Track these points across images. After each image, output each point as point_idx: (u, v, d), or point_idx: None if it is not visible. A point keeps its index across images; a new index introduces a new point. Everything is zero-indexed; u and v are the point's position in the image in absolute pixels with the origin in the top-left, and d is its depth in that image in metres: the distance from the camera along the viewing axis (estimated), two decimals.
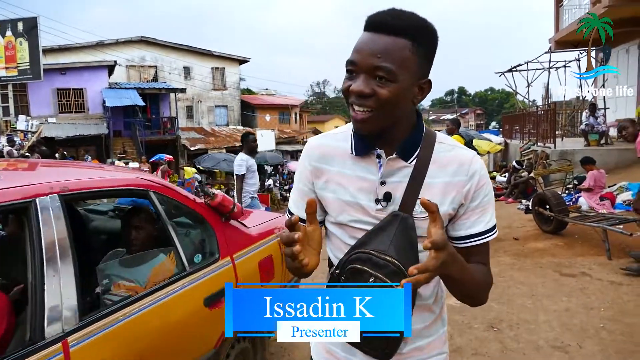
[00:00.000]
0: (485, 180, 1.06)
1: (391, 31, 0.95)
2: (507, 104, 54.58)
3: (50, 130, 19.08)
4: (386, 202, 1.03)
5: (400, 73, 0.95)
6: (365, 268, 0.97)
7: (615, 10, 10.15)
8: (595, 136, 11.13)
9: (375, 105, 0.96)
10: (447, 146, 1.07)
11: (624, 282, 4.22)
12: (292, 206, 1.18)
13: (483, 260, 1.09)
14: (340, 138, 1.10)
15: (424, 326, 1.10)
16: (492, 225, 1.08)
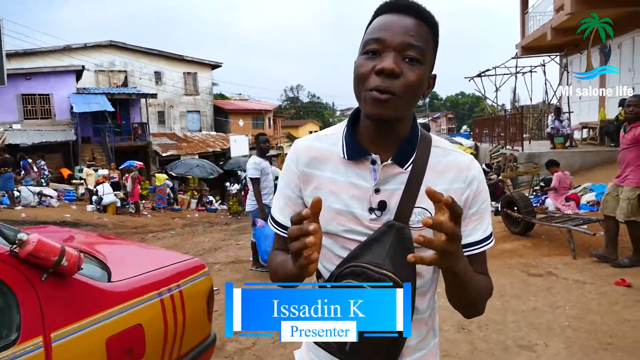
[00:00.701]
0: (483, 186, 1.02)
1: (417, 14, 0.92)
2: (478, 108, 55.78)
3: (14, 137, 18.49)
4: (381, 212, 0.97)
5: (427, 57, 0.92)
6: (360, 283, 0.91)
7: (576, 17, 10.50)
8: (561, 139, 11.49)
9: (401, 87, 0.89)
10: (444, 151, 1.02)
11: (588, 281, 4.35)
12: (277, 213, 1.08)
13: (483, 270, 1.04)
14: (331, 141, 1.03)
15: (419, 340, 1.06)
16: (490, 233, 1.03)
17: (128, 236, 9.29)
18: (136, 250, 3.03)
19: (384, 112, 0.90)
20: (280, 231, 1.08)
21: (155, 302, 2.02)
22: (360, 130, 1.01)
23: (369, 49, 0.91)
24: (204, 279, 2.39)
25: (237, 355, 3.25)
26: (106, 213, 13.49)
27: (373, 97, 0.89)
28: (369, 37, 0.92)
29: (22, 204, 12.39)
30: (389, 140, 0.98)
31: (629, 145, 4.53)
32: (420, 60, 0.90)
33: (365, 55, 0.92)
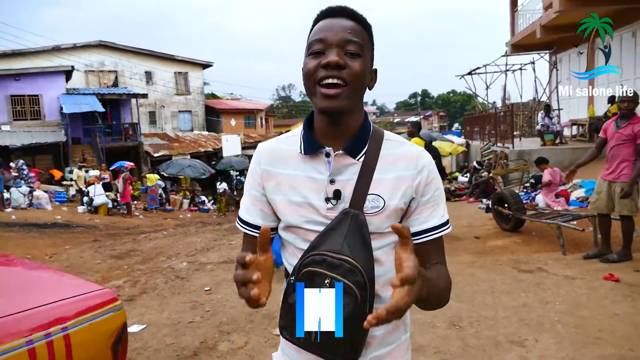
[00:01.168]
0: (434, 174, 1.07)
1: (351, 17, 1.03)
2: (469, 106, 55.99)
3: (4, 138, 18.30)
4: (336, 201, 1.03)
5: (366, 51, 1.02)
6: (321, 270, 0.95)
7: (565, 15, 10.60)
8: (551, 136, 11.58)
9: (347, 77, 0.98)
10: (395, 143, 1.09)
11: (577, 277, 4.39)
12: (244, 213, 1.14)
13: (440, 259, 1.09)
14: (291, 141, 1.10)
15: (386, 332, 1.07)
16: (446, 219, 1.09)
17: (120, 237, 9.24)
18: (24, 277, 2.24)
19: (334, 104, 0.99)
20: (247, 230, 1.14)
21: (20, 353, 1.51)
22: (315, 127, 1.08)
23: (313, 49, 1.01)
24: (110, 316, 1.86)
25: (230, 355, 3.25)
26: (97, 214, 13.40)
27: (323, 93, 0.99)
28: (313, 39, 1.02)
29: (12, 206, 12.27)
30: (342, 134, 1.05)
31: (624, 140, 4.55)
32: (361, 54, 1.00)
33: (311, 56, 1.01)
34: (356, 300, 0.93)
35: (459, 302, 3.99)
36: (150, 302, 4.51)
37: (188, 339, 3.56)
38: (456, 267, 5.11)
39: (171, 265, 5.99)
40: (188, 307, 4.28)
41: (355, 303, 0.93)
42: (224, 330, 3.67)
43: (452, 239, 6.60)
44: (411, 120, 7.42)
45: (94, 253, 7.17)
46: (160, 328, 3.80)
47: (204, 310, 4.17)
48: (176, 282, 5.16)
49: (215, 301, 4.37)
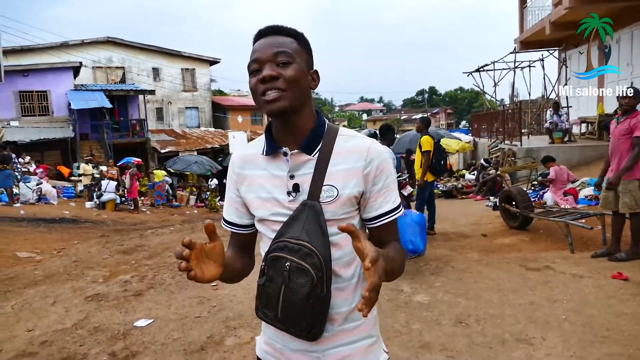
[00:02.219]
0: (385, 164, 1.17)
1: (279, 33, 1.16)
2: (477, 104, 55.68)
3: (12, 134, 18.45)
4: (296, 193, 1.15)
5: (297, 57, 1.13)
6: (282, 254, 1.11)
7: (574, 11, 10.49)
8: (559, 134, 11.48)
9: (283, 84, 1.10)
10: (347, 137, 1.19)
11: (585, 275, 4.37)
12: (225, 213, 1.32)
13: (394, 237, 1.22)
14: (257, 145, 1.24)
15: (350, 309, 1.18)
16: (398, 203, 1.21)
17: (127, 232, 9.29)
18: None
19: (274, 106, 1.11)
20: (227, 226, 1.32)
21: None
22: (273, 132, 1.22)
23: (252, 69, 1.14)
24: None
25: (237, 350, 3.26)
26: (105, 210, 13.48)
27: (265, 100, 1.11)
28: (250, 60, 1.15)
29: (20, 201, 12.38)
30: (295, 134, 1.17)
31: (622, 135, 4.53)
32: (291, 61, 1.12)
33: (251, 75, 1.14)
34: (313, 280, 1.07)
35: (465, 299, 3.98)
36: (158, 297, 4.53)
37: (195, 333, 3.58)
38: (463, 264, 5.10)
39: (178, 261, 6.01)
40: (195, 302, 4.31)
41: (312, 282, 1.07)
42: (230, 326, 3.68)
43: (459, 236, 6.59)
44: (420, 117, 7.38)
45: (101, 248, 7.22)
46: (167, 323, 3.82)
47: (210, 305, 4.19)
48: (183, 277, 5.18)
49: (222, 296, 4.39)
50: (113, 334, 3.65)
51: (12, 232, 8.49)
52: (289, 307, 1.09)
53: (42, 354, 3.35)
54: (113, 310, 4.21)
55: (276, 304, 1.11)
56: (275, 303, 1.12)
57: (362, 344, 1.20)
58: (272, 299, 1.12)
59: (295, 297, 1.08)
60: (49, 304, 4.44)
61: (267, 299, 1.14)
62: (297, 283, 1.08)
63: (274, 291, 1.11)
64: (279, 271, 1.10)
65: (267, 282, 1.13)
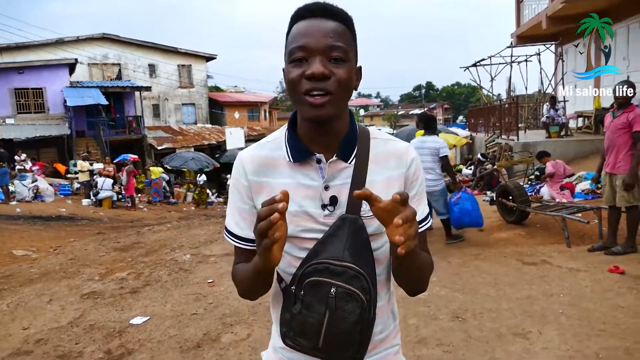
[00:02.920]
0: (420, 170, 1.09)
1: (332, 16, 0.97)
2: (474, 98, 55.65)
3: (8, 131, 18.37)
4: (333, 207, 1.01)
5: (350, 54, 0.97)
6: (324, 279, 0.95)
7: (571, 5, 10.48)
8: (556, 128, 11.49)
9: (334, 86, 0.94)
10: (382, 141, 1.08)
11: (582, 269, 4.37)
12: (234, 227, 1.09)
13: (424, 249, 1.10)
14: (274, 147, 1.06)
15: (383, 327, 1.10)
16: (427, 212, 1.11)
17: (124, 230, 9.27)
18: None
19: (322, 113, 0.95)
20: (239, 243, 1.09)
21: None
22: (300, 132, 1.04)
23: (295, 57, 0.95)
24: None
25: (233, 347, 3.25)
26: (102, 207, 13.45)
27: (310, 102, 0.94)
28: (293, 46, 0.95)
29: (16, 199, 12.33)
30: (330, 138, 1.02)
31: (619, 129, 4.51)
32: (345, 59, 0.95)
33: (292, 63, 0.96)
34: (362, 305, 0.95)
35: (462, 294, 3.98)
36: (154, 294, 4.52)
37: (191, 330, 3.57)
38: (460, 259, 5.10)
39: (175, 258, 6.00)
40: (191, 299, 4.29)
41: (361, 308, 0.95)
42: (226, 322, 3.67)
43: None
44: (418, 113, 7.41)
45: (98, 245, 7.19)
46: (163, 320, 3.81)
47: (207, 302, 4.17)
48: (179, 275, 5.17)
49: (219, 293, 4.38)
50: (109, 331, 3.64)
51: (8, 230, 8.46)
52: (334, 336, 0.96)
53: (37, 352, 3.34)
54: (109, 307, 4.20)
55: (317, 334, 0.96)
56: (315, 332, 0.96)
57: (387, 353, 1.13)
58: (311, 328, 0.97)
59: (342, 325, 0.95)
60: (44, 302, 4.42)
61: (303, 328, 0.98)
62: (345, 310, 0.94)
63: (314, 320, 0.96)
64: (321, 298, 0.94)
65: (303, 310, 0.97)
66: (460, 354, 2.95)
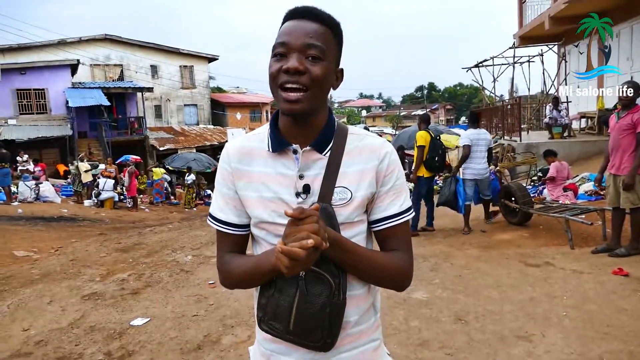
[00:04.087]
0: (395, 164, 1.12)
1: (315, 18, 1.05)
2: (476, 99, 55.54)
3: (10, 132, 18.41)
4: (306, 195, 1.07)
5: (328, 53, 1.04)
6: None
7: (574, 6, 10.43)
8: (559, 129, 11.44)
9: (308, 82, 1.01)
10: (359, 136, 1.13)
11: (585, 271, 4.33)
12: (217, 211, 1.16)
13: (400, 245, 1.12)
14: (258, 139, 1.14)
15: (360, 316, 1.12)
16: (407, 207, 1.13)
17: (125, 230, 9.27)
18: None
19: (295, 107, 1.02)
20: (221, 227, 1.16)
21: None
22: (281, 126, 1.12)
23: (276, 52, 1.04)
24: None
25: (233, 349, 3.23)
26: (103, 208, 13.45)
27: (285, 96, 1.02)
28: (276, 42, 1.04)
29: (18, 200, 12.34)
30: (307, 131, 1.09)
31: (624, 130, 4.48)
32: (321, 58, 1.02)
33: (274, 58, 1.04)
34: (330, 288, 1.01)
35: (464, 296, 3.95)
36: (155, 296, 4.50)
37: (192, 332, 3.55)
38: (462, 260, 5.07)
39: (176, 259, 5.99)
40: (192, 301, 4.28)
41: (329, 290, 1.01)
42: (227, 324, 3.65)
43: (458, 232, 6.55)
44: (420, 114, 7.49)
45: (99, 246, 7.18)
46: (164, 321, 3.79)
47: (207, 303, 4.15)
48: (181, 276, 5.15)
49: (219, 295, 4.36)
50: (109, 333, 3.62)
51: (9, 230, 8.46)
52: (304, 318, 1.01)
53: (37, 353, 3.32)
54: (109, 309, 4.18)
55: (288, 316, 1.02)
56: (286, 315, 1.02)
57: (367, 348, 1.15)
58: (282, 310, 1.03)
59: (311, 307, 1.00)
60: (45, 303, 4.41)
61: (275, 311, 1.04)
62: (313, 292, 1.00)
63: (285, 302, 1.02)
64: (291, 280, 1.01)
65: (275, 293, 1.04)
66: (462, 357, 2.92)
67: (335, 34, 1.07)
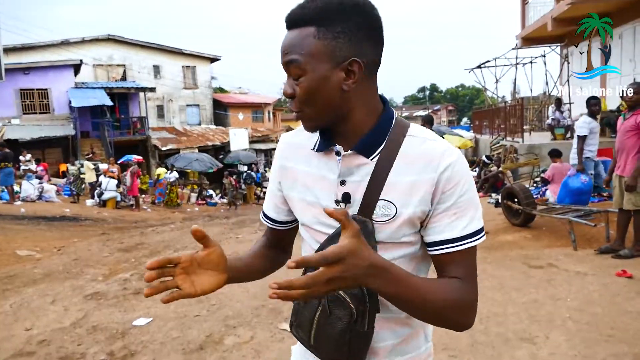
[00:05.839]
0: (460, 177, 0.91)
1: (295, 24, 0.91)
2: (478, 100, 55.52)
3: (13, 132, 18.44)
4: (345, 204, 0.95)
5: (309, 62, 0.88)
6: None
7: (577, 7, 10.42)
8: (561, 130, 11.41)
9: (298, 105, 0.92)
10: (419, 139, 0.94)
11: (589, 273, 4.32)
12: (264, 205, 1.18)
13: (458, 273, 0.92)
14: (310, 135, 1.02)
15: (398, 342, 1.00)
16: (473, 230, 0.92)
17: (128, 230, 9.28)
18: None
19: (306, 127, 0.97)
20: (266, 221, 1.18)
21: None
22: None
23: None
24: None
25: (236, 349, 3.23)
26: (105, 207, 13.47)
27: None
28: None
29: (21, 199, 12.36)
30: (350, 133, 0.96)
31: (628, 132, 4.48)
32: (301, 73, 0.89)
33: None
34: (352, 314, 0.90)
35: None
36: (157, 296, 4.48)
37: (194, 332, 3.54)
38: None
39: None
40: (194, 301, 4.27)
41: (350, 317, 0.90)
42: (230, 325, 3.65)
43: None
44: (423, 115, 7.45)
45: (101, 246, 7.19)
46: (166, 321, 3.79)
47: (210, 304, 4.15)
48: None
49: (222, 295, 4.35)
50: (111, 333, 3.62)
51: (12, 230, 8.48)
52: (323, 337, 0.94)
53: (40, 353, 3.32)
54: (112, 309, 4.18)
55: (309, 329, 0.96)
56: (308, 327, 0.96)
57: None
58: (305, 321, 0.97)
59: (330, 328, 0.92)
60: (47, 303, 4.41)
61: (300, 320, 0.99)
62: (334, 314, 0.91)
63: (308, 313, 0.96)
64: None
65: (302, 303, 0.98)
66: (466, 359, 2.91)
67: (325, 27, 0.88)
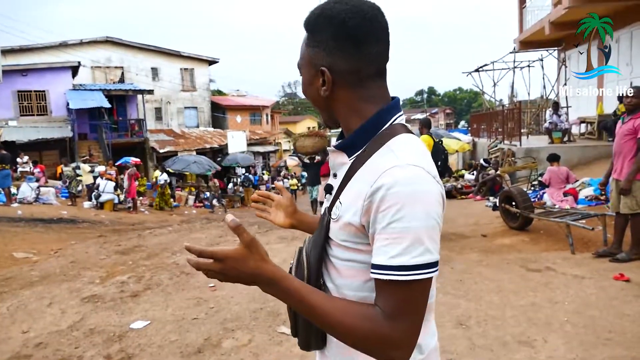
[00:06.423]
0: (396, 200, 0.82)
1: (304, 29, 0.99)
2: (476, 104, 55.64)
3: (10, 134, 18.37)
4: (328, 195, 1.04)
5: (302, 66, 1.01)
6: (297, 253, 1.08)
7: (574, 11, 10.46)
8: (559, 134, 11.45)
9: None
10: (386, 151, 0.90)
11: (586, 276, 4.33)
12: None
13: (380, 303, 0.85)
14: None
15: None
16: (405, 264, 0.81)
17: (125, 233, 9.25)
18: None
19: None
20: None
21: None
22: None
23: None
24: None
25: (234, 352, 3.22)
26: (103, 210, 13.42)
27: None
28: None
29: (18, 201, 12.32)
30: (346, 133, 1.02)
31: (626, 135, 4.50)
32: (302, 74, 1.02)
33: None
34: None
35: (465, 300, 3.94)
36: (155, 298, 4.49)
37: (192, 335, 3.53)
38: (463, 265, 5.06)
39: (176, 261, 5.97)
40: (192, 304, 4.26)
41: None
42: (228, 327, 3.64)
43: (458, 236, 6.55)
44: (420, 118, 7.41)
45: (99, 248, 7.17)
46: (164, 324, 3.78)
47: (208, 306, 4.14)
48: (181, 278, 5.14)
49: (220, 298, 4.35)
50: (109, 336, 3.61)
51: (9, 232, 8.44)
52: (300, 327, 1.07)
53: (37, 356, 3.31)
54: (109, 311, 4.17)
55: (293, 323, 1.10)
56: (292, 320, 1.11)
57: None
58: (290, 315, 1.11)
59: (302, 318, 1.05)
60: (44, 305, 4.39)
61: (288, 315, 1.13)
62: None
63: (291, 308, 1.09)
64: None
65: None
66: None
67: (312, 35, 0.96)
